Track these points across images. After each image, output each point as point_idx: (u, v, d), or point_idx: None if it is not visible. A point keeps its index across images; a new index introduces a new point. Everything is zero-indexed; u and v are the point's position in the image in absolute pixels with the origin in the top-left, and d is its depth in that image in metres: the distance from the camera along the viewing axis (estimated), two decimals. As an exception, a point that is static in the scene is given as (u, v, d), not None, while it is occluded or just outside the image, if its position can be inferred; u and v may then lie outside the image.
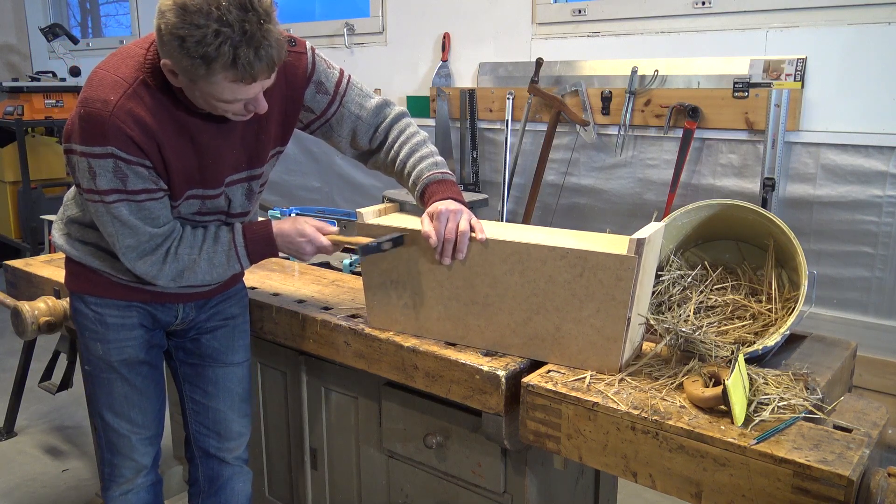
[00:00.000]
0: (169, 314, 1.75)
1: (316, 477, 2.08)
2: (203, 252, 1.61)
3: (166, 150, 1.48)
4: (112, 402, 1.73)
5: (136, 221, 1.51)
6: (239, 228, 1.65)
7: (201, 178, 1.57)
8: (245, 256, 1.65)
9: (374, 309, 1.73)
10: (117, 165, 1.44)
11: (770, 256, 1.68)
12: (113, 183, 1.46)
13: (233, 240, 1.64)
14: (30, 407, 3.34)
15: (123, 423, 1.74)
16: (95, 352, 1.71)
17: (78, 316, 1.72)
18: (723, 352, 1.47)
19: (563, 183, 3.43)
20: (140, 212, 1.51)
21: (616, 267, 1.41)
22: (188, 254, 1.59)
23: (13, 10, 6.49)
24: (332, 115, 1.71)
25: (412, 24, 3.94)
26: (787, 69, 2.77)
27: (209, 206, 1.63)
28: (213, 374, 1.82)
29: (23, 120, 5.05)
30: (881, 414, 1.38)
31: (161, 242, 1.57)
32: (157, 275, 1.59)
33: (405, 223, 1.64)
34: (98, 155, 1.44)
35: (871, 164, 2.64)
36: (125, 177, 1.46)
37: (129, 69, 1.46)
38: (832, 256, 2.78)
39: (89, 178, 1.46)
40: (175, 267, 1.59)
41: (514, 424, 1.53)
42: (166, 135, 1.48)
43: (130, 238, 1.53)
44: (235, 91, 1.39)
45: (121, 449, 1.76)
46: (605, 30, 3.27)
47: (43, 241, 4.58)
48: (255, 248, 1.66)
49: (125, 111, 1.43)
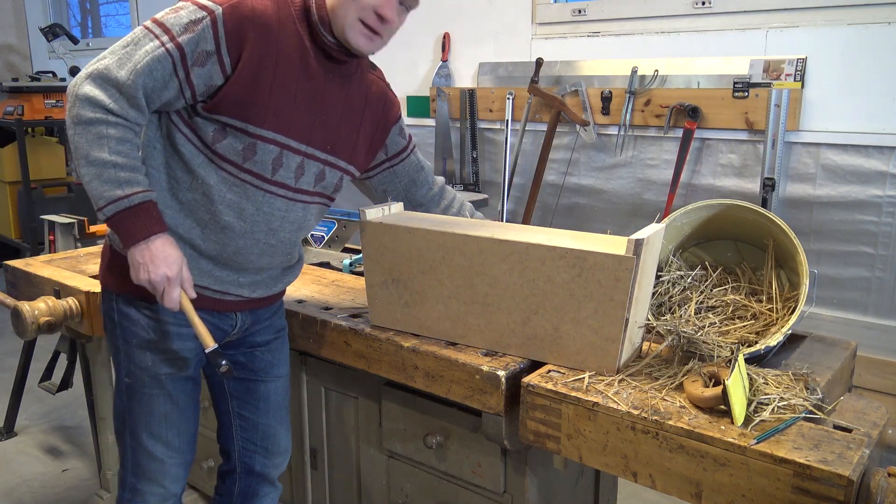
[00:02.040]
0: (227, 323, 1.65)
1: (316, 477, 2.08)
2: (112, 158, 1.38)
3: (273, 70, 1.44)
4: (150, 420, 1.59)
5: (140, 63, 1.38)
6: (150, 195, 1.43)
7: (292, 122, 1.50)
8: (115, 210, 1.39)
9: (375, 307, 1.73)
10: (201, 21, 1.39)
11: (770, 256, 1.68)
12: (176, 26, 1.39)
13: (133, 192, 1.40)
14: (30, 407, 3.34)
15: (159, 446, 1.61)
16: (142, 362, 1.57)
17: (125, 321, 1.57)
18: (725, 352, 1.47)
19: (563, 183, 3.43)
20: (153, 61, 1.38)
21: (614, 267, 1.41)
22: (113, 145, 1.39)
23: (13, 10, 6.49)
24: (400, 161, 1.80)
25: (412, 24, 3.90)
26: (787, 69, 2.77)
27: (285, 164, 1.52)
28: (265, 389, 1.75)
29: (23, 120, 5.06)
30: (881, 414, 1.38)
31: (117, 103, 1.39)
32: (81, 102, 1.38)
33: (410, 223, 1.65)
34: (201, 6, 1.40)
35: (871, 164, 2.64)
36: (191, 31, 1.38)
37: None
38: (832, 256, 2.78)
39: (167, 11, 1.42)
40: (93, 126, 1.38)
41: (514, 424, 1.53)
42: (284, 57, 1.45)
43: (116, 70, 1.38)
44: None
45: (150, 473, 1.62)
46: (605, 30, 3.27)
47: (43, 241, 4.57)
48: (130, 220, 1.40)
49: (261, 10, 1.42)
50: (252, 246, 1.57)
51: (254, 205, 1.54)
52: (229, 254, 1.56)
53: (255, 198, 1.54)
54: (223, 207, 1.52)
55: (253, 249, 1.58)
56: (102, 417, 2.37)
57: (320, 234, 2.57)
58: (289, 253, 1.67)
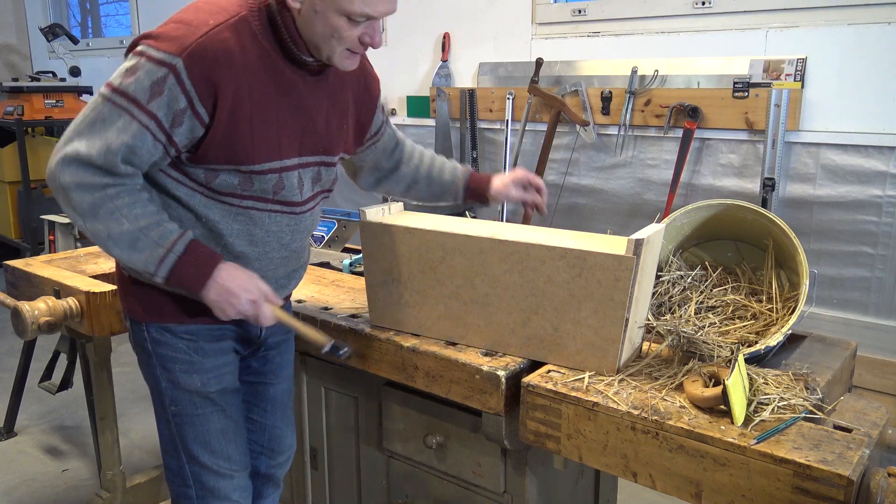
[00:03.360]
0: (253, 332, 1.62)
1: (316, 477, 2.08)
2: (137, 226, 1.35)
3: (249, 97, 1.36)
4: (209, 439, 1.55)
5: (114, 140, 1.30)
6: (188, 236, 1.41)
7: (281, 142, 1.43)
8: (169, 266, 1.38)
9: (375, 306, 1.73)
10: (165, 79, 1.29)
11: (770, 256, 1.68)
12: (140, 92, 1.30)
13: (174, 241, 1.38)
14: (30, 407, 3.34)
15: (222, 462, 1.57)
16: (189, 385, 1.52)
17: (161, 349, 1.52)
18: (725, 352, 1.47)
19: (563, 183, 3.43)
20: (128, 136, 1.31)
21: (614, 267, 1.41)
22: (122, 213, 1.34)
23: (13, 10, 6.49)
24: (382, 135, 1.75)
25: (412, 24, 3.94)
26: (787, 69, 2.77)
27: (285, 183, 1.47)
28: (273, 391, 1.74)
29: (23, 120, 5.05)
30: (881, 414, 1.38)
31: (106, 176, 1.33)
32: (68, 190, 1.32)
33: (410, 223, 1.65)
34: (158, 60, 1.29)
35: (871, 164, 2.64)
36: (158, 94, 1.30)
37: (231, 3, 1.38)
38: (832, 256, 2.78)
39: (123, 74, 1.31)
40: (94, 207, 1.33)
41: (514, 424, 1.53)
42: (255, 81, 1.37)
43: (89, 148, 1.31)
44: (365, 2, 1.32)
45: (219, 492, 1.58)
46: (605, 30, 3.27)
47: (43, 241, 4.58)
48: (184, 268, 1.39)
49: (220, 40, 1.32)
50: (268, 264, 1.56)
51: (262, 228, 1.51)
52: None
53: (261, 221, 1.50)
54: (232, 239, 1.49)
55: (269, 266, 1.56)
56: (102, 417, 2.37)
57: (320, 234, 2.57)
58: (301, 255, 1.67)
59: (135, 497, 2.50)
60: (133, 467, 2.76)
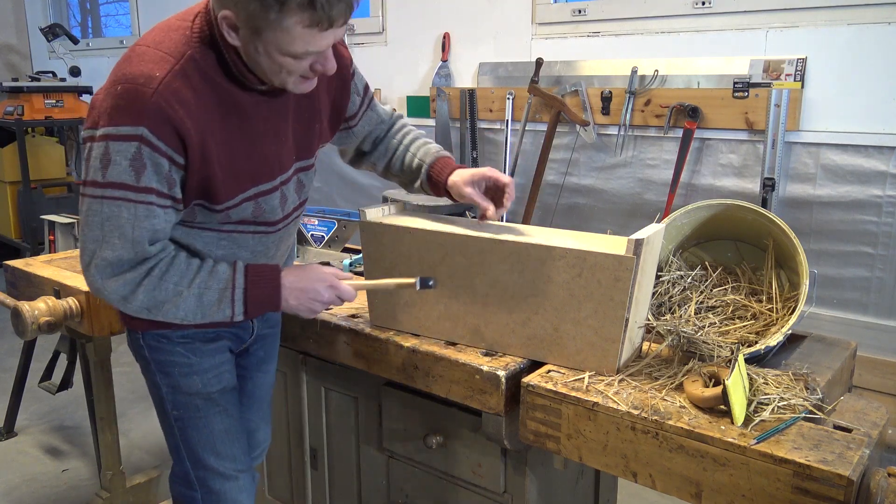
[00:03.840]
0: (247, 330, 1.64)
1: (316, 477, 2.08)
2: (194, 285, 1.37)
3: (213, 140, 1.32)
4: (214, 442, 1.55)
5: (134, 232, 1.30)
6: (242, 266, 1.41)
7: (252, 172, 1.40)
8: (241, 301, 1.40)
9: (375, 307, 1.73)
10: (139, 151, 1.25)
11: (770, 256, 1.68)
12: (124, 175, 1.26)
13: (232, 278, 1.39)
14: (30, 407, 3.34)
15: (228, 464, 1.57)
16: (191, 388, 1.52)
17: (158, 355, 1.52)
18: (725, 352, 1.47)
19: (563, 183, 3.43)
20: (143, 220, 1.30)
21: (614, 267, 1.41)
22: (175, 284, 1.35)
23: (13, 10, 6.49)
24: (358, 120, 1.66)
25: (412, 24, 3.94)
26: (787, 69, 2.77)
27: (265, 208, 1.45)
28: (251, 386, 1.74)
29: (23, 120, 5.06)
30: (881, 414, 1.38)
31: (142, 261, 1.34)
32: (125, 298, 1.34)
33: (410, 223, 1.65)
34: (123, 136, 1.24)
35: (871, 164, 2.64)
36: (142, 168, 1.26)
37: (175, 43, 1.30)
38: (832, 256, 2.78)
39: (99, 167, 1.26)
40: (153, 296, 1.35)
41: (514, 424, 1.53)
42: (214, 121, 1.32)
43: (116, 251, 1.31)
44: (308, 40, 1.23)
45: (226, 494, 1.57)
46: (605, 30, 3.27)
47: (43, 241, 4.58)
48: (255, 294, 1.41)
49: (171, 90, 1.25)
50: None
51: (247, 250, 1.50)
52: None
53: (245, 243, 1.49)
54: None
55: None
56: (102, 417, 2.37)
57: (320, 234, 2.56)
58: (289, 255, 1.68)
59: (135, 497, 2.50)
60: (133, 467, 2.76)
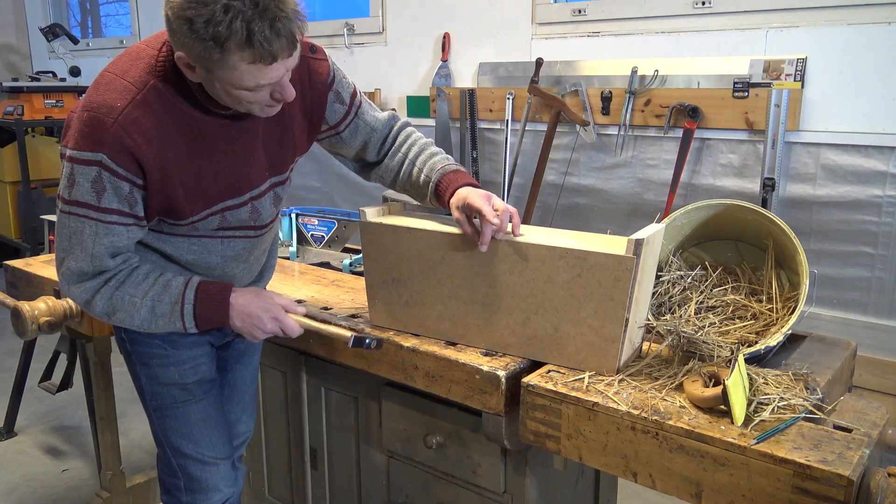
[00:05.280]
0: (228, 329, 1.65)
1: (316, 477, 2.08)
2: (148, 297, 1.45)
3: (175, 164, 1.37)
4: (191, 430, 1.61)
5: (94, 248, 1.39)
6: (194, 283, 1.48)
7: (220, 190, 1.45)
8: (190, 315, 1.47)
9: (375, 306, 1.73)
10: (99, 175, 1.33)
11: (770, 256, 1.68)
12: (87, 195, 1.34)
13: (182, 294, 1.46)
14: (30, 407, 3.34)
15: (206, 451, 1.63)
16: (168, 378, 1.59)
17: (137, 346, 1.59)
18: (725, 352, 1.47)
19: (563, 183, 3.43)
20: (103, 237, 1.38)
21: (614, 267, 1.41)
22: (130, 295, 1.44)
23: (13, 10, 6.49)
24: (345, 128, 1.65)
25: (412, 24, 3.94)
26: (787, 69, 2.77)
27: (232, 221, 1.51)
28: (231, 377, 1.78)
29: (23, 120, 5.06)
30: (881, 414, 1.38)
31: (102, 275, 1.43)
32: (87, 302, 1.45)
33: (410, 223, 1.65)
34: (84, 161, 1.33)
35: (871, 164, 2.64)
36: (102, 191, 1.34)
37: (140, 72, 1.35)
38: (832, 256, 2.78)
39: (66, 185, 1.36)
40: (110, 303, 1.44)
41: (514, 424, 1.53)
42: (178, 146, 1.37)
43: (78, 262, 1.40)
44: (256, 75, 1.27)
45: (206, 481, 1.64)
46: (605, 30, 3.27)
47: (43, 241, 4.58)
48: (203, 310, 1.47)
49: (130, 120, 1.32)
50: (231, 277, 1.62)
51: (217, 255, 1.56)
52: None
53: (215, 248, 1.55)
54: (190, 267, 1.55)
55: (234, 278, 1.62)
56: (102, 417, 2.37)
57: (320, 234, 2.56)
58: (266, 259, 1.72)
59: (135, 497, 2.50)
60: (133, 467, 2.77)
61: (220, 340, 1.70)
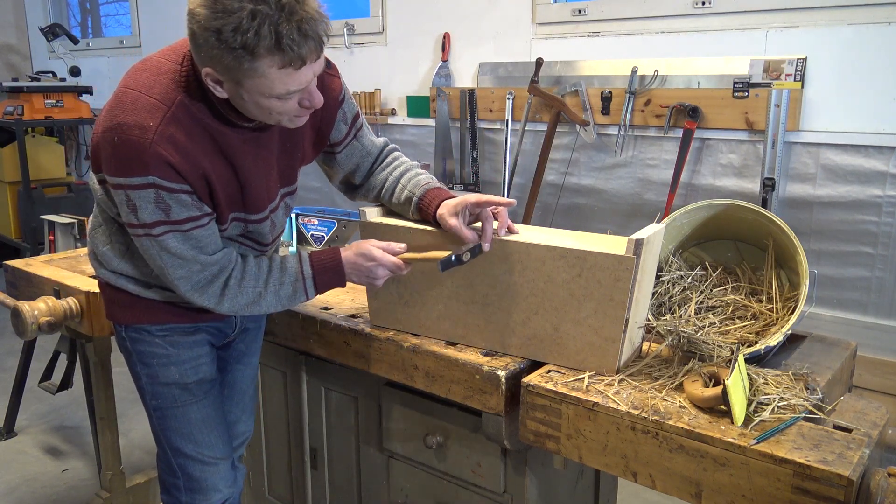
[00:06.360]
0: (230, 325, 1.70)
1: (316, 477, 2.08)
2: (270, 284, 1.53)
3: (209, 172, 1.40)
4: (191, 430, 1.63)
5: (185, 251, 1.42)
6: (306, 257, 1.57)
7: (244, 203, 1.49)
8: (312, 287, 1.57)
9: (375, 306, 1.73)
10: (159, 196, 1.35)
11: (770, 256, 1.68)
12: (156, 214, 1.37)
13: (300, 270, 1.55)
14: (30, 407, 3.34)
15: (206, 451, 1.64)
16: (168, 378, 1.60)
17: (139, 346, 1.60)
18: (725, 352, 1.47)
19: (563, 183, 3.43)
20: (188, 241, 1.42)
21: (614, 267, 1.41)
22: (253, 287, 1.52)
23: (13, 10, 6.50)
24: (342, 149, 1.67)
25: (412, 24, 3.94)
26: (787, 69, 2.77)
27: (252, 231, 1.56)
28: (231, 378, 1.78)
29: (23, 120, 5.06)
30: (881, 414, 1.38)
31: (217, 273, 1.48)
32: (216, 306, 1.51)
33: (410, 223, 1.64)
34: (138, 186, 1.33)
35: (871, 164, 2.64)
36: (168, 207, 1.36)
37: (165, 88, 1.36)
38: (832, 256, 2.78)
39: (129, 212, 1.37)
40: (238, 301, 1.51)
41: (514, 424, 1.53)
42: (208, 157, 1.39)
43: (181, 269, 1.44)
44: (286, 81, 1.28)
45: (205, 481, 1.65)
46: (605, 30, 3.27)
47: (43, 241, 4.58)
48: (323, 279, 1.57)
49: (165, 138, 1.32)
50: None
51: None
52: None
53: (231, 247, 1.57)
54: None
55: None
56: (102, 417, 2.37)
57: (320, 234, 2.56)
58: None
59: (135, 497, 2.50)
60: (133, 467, 2.77)
61: (220, 340, 1.70)
